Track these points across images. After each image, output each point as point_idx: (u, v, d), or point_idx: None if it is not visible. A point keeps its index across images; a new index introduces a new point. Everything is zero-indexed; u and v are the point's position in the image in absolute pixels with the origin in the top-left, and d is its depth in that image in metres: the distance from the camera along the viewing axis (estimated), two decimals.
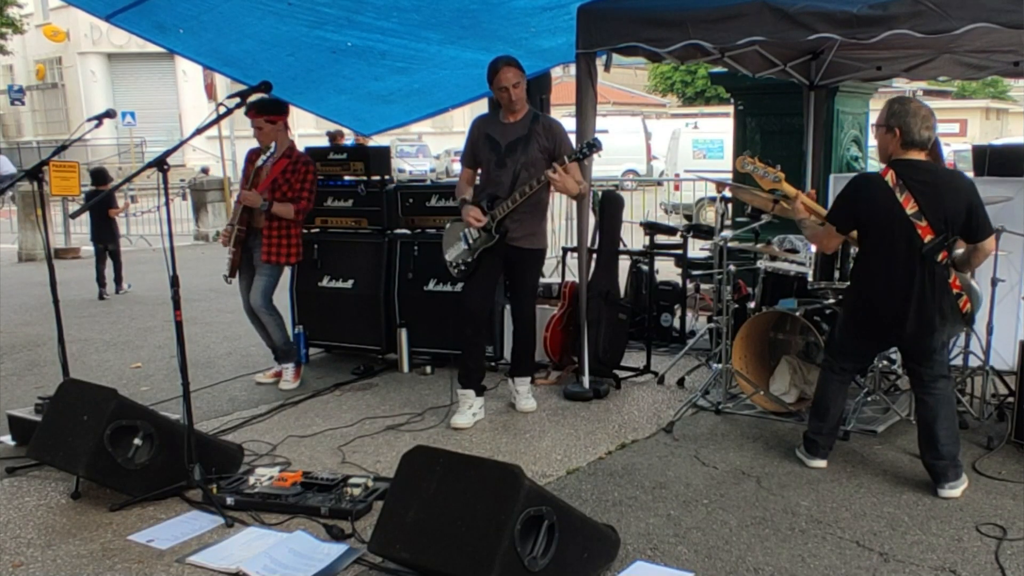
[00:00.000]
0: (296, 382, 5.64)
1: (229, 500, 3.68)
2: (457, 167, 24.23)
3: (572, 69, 5.30)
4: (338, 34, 5.37)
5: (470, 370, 4.89)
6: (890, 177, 3.72)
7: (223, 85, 15.17)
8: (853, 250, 4.71)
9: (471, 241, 4.79)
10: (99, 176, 10.10)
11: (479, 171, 4.93)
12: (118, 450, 3.66)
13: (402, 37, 5.50)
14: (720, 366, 5.14)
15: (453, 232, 4.92)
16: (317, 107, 6.95)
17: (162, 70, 28.86)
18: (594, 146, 4.63)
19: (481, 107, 7.22)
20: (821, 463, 4.11)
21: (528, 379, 5.12)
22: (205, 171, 21.70)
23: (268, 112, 5.26)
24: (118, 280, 9.73)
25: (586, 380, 5.29)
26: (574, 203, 5.94)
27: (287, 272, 5.78)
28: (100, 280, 9.46)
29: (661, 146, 25.69)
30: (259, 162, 5.37)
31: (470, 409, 4.83)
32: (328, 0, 4.96)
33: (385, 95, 6.38)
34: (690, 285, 6.77)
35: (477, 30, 5.44)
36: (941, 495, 3.75)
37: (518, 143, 4.72)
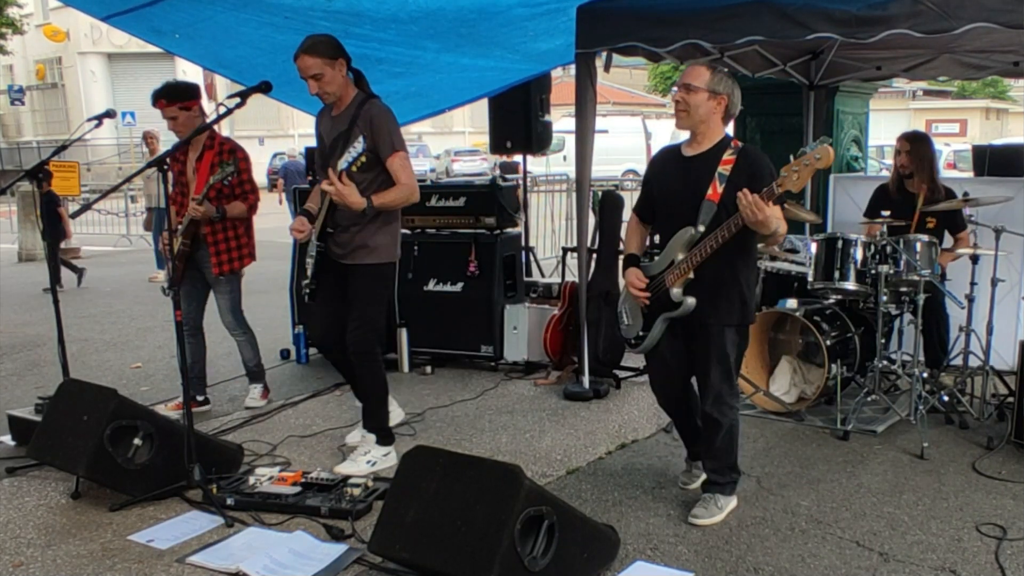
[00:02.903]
0: (264, 400, 5.21)
1: (229, 500, 3.68)
2: (457, 166, 23.88)
3: (572, 69, 5.28)
4: None
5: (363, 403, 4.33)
6: None
7: (223, 85, 15.20)
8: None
9: (309, 263, 4.15)
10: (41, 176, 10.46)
11: None
12: (118, 450, 3.66)
13: (399, 45, 5.49)
14: None
15: (307, 249, 4.25)
16: (313, 108, 6.95)
17: (162, 70, 28.72)
18: (359, 150, 3.85)
19: (480, 107, 7.22)
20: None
21: (372, 438, 4.18)
22: None
23: (182, 98, 4.69)
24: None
25: (586, 380, 5.29)
26: (574, 203, 5.91)
27: (286, 271, 5.75)
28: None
29: (661, 146, 25.64)
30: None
31: (364, 456, 4.20)
32: (324, 15, 4.95)
33: (382, 97, 6.36)
34: None
35: (475, 38, 5.43)
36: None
37: (339, 141, 3.99)
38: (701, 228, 3.36)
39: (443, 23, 5.15)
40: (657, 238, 3.65)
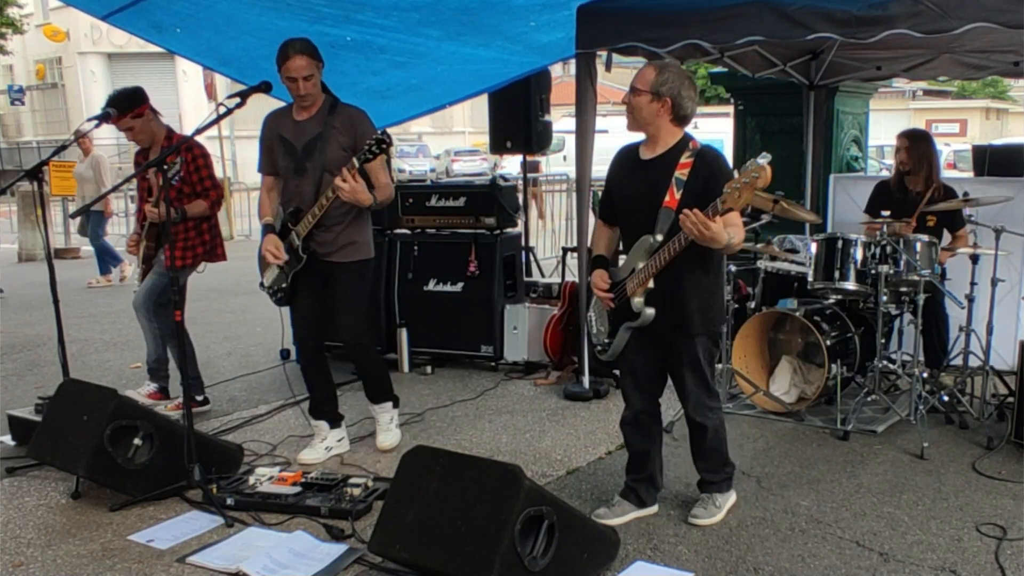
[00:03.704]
0: (149, 401, 4.98)
1: (229, 500, 3.68)
2: (457, 166, 23.83)
3: (572, 69, 5.27)
4: (337, 29, 5.37)
5: (317, 402, 4.39)
6: None
7: (223, 85, 15.19)
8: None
9: (283, 264, 4.17)
10: None
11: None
12: (118, 450, 3.66)
13: (401, 32, 5.49)
14: (720, 366, 5.13)
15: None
16: None
17: (162, 70, 28.84)
18: (383, 142, 3.88)
19: (480, 107, 7.22)
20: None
21: (388, 405, 4.43)
22: None
23: (131, 106, 4.64)
24: None
25: (586, 380, 5.29)
26: (574, 203, 5.91)
27: None
28: None
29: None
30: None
31: (323, 443, 4.34)
32: (327, 0, 4.96)
33: (383, 90, 6.37)
34: None
35: (476, 26, 5.44)
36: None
37: (315, 144, 4.05)
38: (659, 237, 3.27)
39: (445, 11, 5.15)
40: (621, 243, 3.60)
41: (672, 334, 3.40)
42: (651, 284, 3.33)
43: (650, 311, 3.34)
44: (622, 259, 3.56)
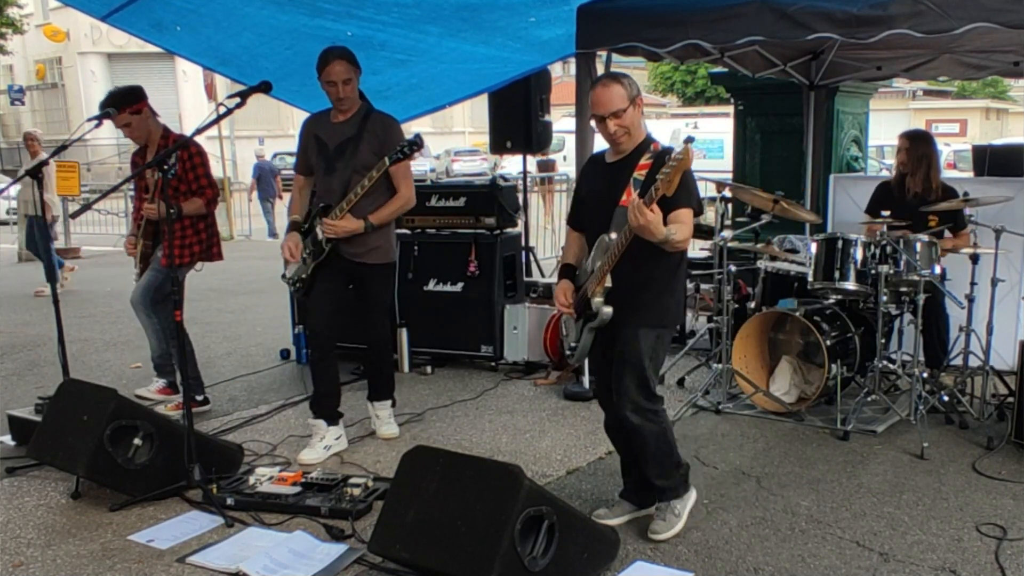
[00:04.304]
0: (159, 396, 5.08)
1: (229, 500, 3.68)
2: (457, 166, 23.85)
3: (572, 68, 5.27)
4: (338, 23, 5.37)
5: (320, 396, 4.40)
6: None
7: (223, 85, 15.21)
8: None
9: (305, 256, 4.34)
10: None
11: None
12: (118, 450, 3.66)
13: (401, 28, 5.49)
14: (720, 366, 5.14)
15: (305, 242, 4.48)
16: (313, 104, 6.95)
17: (162, 70, 28.85)
18: (415, 144, 4.13)
19: (480, 107, 7.21)
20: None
21: (388, 403, 4.67)
22: None
23: (129, 103, 4.67)
24: None
25: (586, 380, 5.28)
26: None
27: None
28: None
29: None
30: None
31: (321, 442, 4.33)
32: None
33: (383, 90, 6.36)
34: (690, 285, 6.76)
35: (477, 22, 5.44)
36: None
37: (347, 145, 4.24)
38: (613, 235, 3.25)
39: (446, 8, 5.15)
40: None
41: (619, 326, 3.34)
42: (608, 282, 3.31)
43: (608, 309, 3.32)
44: None
